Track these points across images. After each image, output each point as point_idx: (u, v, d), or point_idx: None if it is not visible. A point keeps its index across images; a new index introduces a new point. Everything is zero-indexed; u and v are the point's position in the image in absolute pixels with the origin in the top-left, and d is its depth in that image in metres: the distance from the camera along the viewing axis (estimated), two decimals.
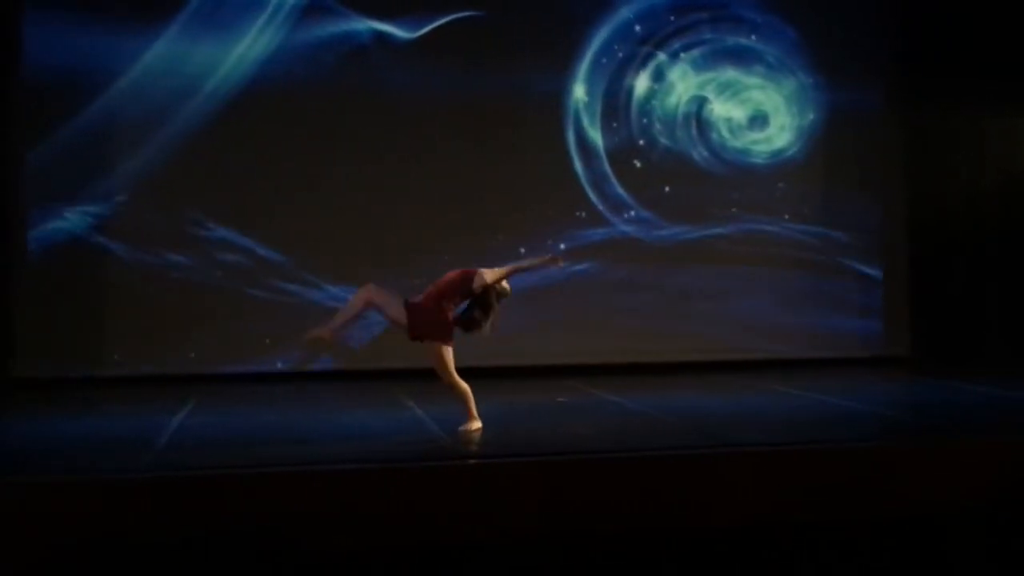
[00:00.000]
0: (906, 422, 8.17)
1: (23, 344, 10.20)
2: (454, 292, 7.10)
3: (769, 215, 11.72)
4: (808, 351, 11.54)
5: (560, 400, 9.03)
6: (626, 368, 10.78)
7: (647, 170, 11.48)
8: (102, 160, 10.42)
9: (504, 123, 11.11)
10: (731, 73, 11.68)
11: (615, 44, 11.42)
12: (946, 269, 11.75)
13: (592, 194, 11.34)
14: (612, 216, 11.38)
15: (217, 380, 10.19)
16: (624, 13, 11.41)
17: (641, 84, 11.49)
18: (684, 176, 11.53)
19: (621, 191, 11.40)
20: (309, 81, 10.72)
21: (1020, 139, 11.76)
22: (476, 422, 7.25)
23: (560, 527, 6.03)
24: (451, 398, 7.35)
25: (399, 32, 10.92)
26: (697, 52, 11.60)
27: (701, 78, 11.62)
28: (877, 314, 11.91)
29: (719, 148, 11.65)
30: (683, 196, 11.50)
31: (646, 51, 11.50)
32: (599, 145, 11.38)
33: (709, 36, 11.62)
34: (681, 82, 11.59)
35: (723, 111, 11.67)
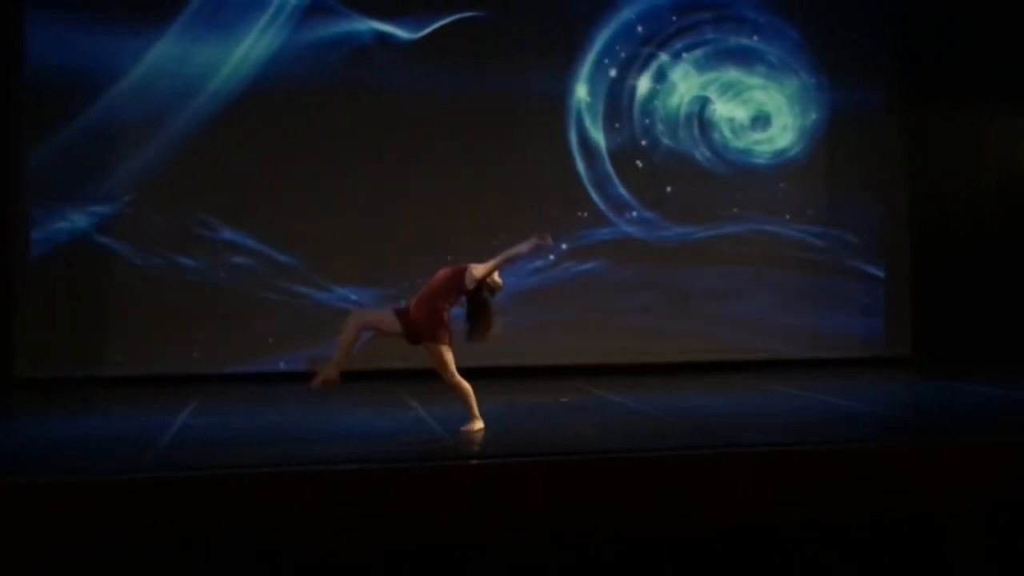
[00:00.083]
0: (907, 422, 8.17)
1: (25, 344, 10.21)
2: (448, 291, 7.10)
3: (771, 215, 11.71)
4: (809, 351, 11.54)
5: (562, 400, 9.03)
6: (628, 368, 10.77)
7: (649, 170, 11.48)
8: (104, 160, 10.43)
9: (506, 123, 11.11)
10: (733, 73, 11.67)
11: (617, 44, 11.42)
12: (947, 269, 11.74)
13: (594, 194, 11.34)
14: (614, 216, 11.38)
15: (219, 380, 10.19)
16: (626, 13, 11.41)
17: (643, 84, 11.49)
18: (686, 176, 11.53)
19: (623, 191, 11.40)
20: (311, 81, 10.73)
21: (1022, 139, 11.74)
22: (478, 422, 7.25)
23: (562, 527, 6.04)
24: (453, 398, 7.35)
25: (401, 32, 10.92)
26: (699, 52, 11.60)
27: (703, 78, 11.62)
28: (878, 314, 11.91)
29: (721, 148, 11.65)
30: (685, 196, 11.50)
31: (648, 51, 11.50)
32: (601, 145, 11.38)
33: (711, 36, 11.62)
34: (683, 82, 11.58)
35: (725, 111, 11.67)
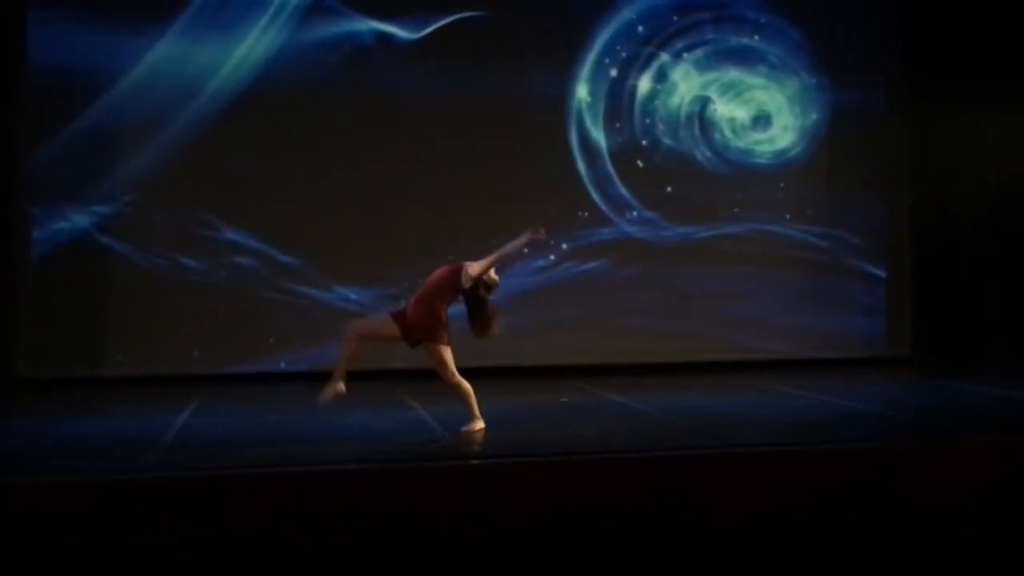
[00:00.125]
0: (907, 422, 8.17)
1: (27, 344, 10.22)
2: (444, 290, 7.11)
3: (772, 215, 11.70)
4: (810, 351, 11.53)
5: (562, 400, 9.03)
6: (629, 368, 10.77)
7: (650, 170, 11.47)
8: (105, 160, 10.42)
9: (507, 123, 11.11)
10: (734, 73, 11.67)
11: (618, 44, 11.41)
12: (948, 269, 11.73)
13: (595, 194, 11.33)
14: (615, 216, 11.37)
15: (220, 380, 10.20)
16: (627, 13, 11.40)
17: (644, 84, 11.49)
18: (687, 176, 11.52)
19: (624, 191, 11.40)
20: (311, 82, 10.72)
21: (1023, 139, 11.73)
22: (479, 422, 7.25)
23: (562, 527, 6.04)
24: (453, 398, 7.36)
25: (402, 32, 10.92)
26: (700, 52, 11.60)
27: (704, 78, 11.62)
28: (879, 314, 11.90)
29: (722, 148, 11.64)
30: (686, 196, 11.50)
31: (649, 51, 11.50)
32: (602, 145, 11.38)
33: (712, 36, 11.61)
34: (684, 82, 11.58)
35: (726, 111, 11.67)
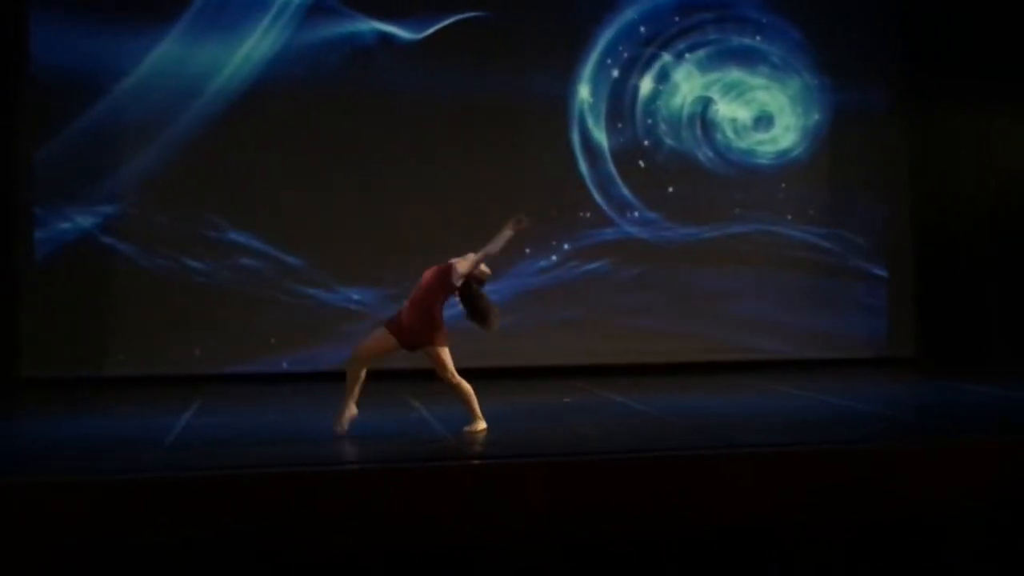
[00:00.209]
0: (909, 423, 8.16)
1: (29, 344, 10.23)
2: (437, 291, 7.11)
3: (774, 215, 11.70)
4: (812, 352, 11.52)
5: (564, 400, 9.03)
6: (631, 368, 10.77)
7: (652, 171, 11.47)
8: (108, 160, 10.44)
9: (509, 124, 11.12)
10: (736, 74, 11.66)
11: (620, 45, 11.41)
12: (951, 270, 11.71)
13: (597, 195, 11.34)
14: (617, 217, 11.37)
15: (222, 380, 10.20)
16: (629, 14, 11.40)
17: (646, 85, 11.49)
18: (689, 177, 11.52)
19: (626, 192, 11.40)
20: (313, 82, 10.73)
21: None
22: (481, 422, 7.25)
23: (564, 527, 6.03)
24: (455, 398, 7.36)
25: (403, 33, 10.92)
26: (702, 52, 11.59)
27: (706, 79, 11.62)
28: (881, 314, 11.90)
29: (724, 149, 11.64)
30: (688, 197, 11.50)
31: (651, 52, 11.50)
32: (604, 146, 11.38)
33: (714, 36, 11.61)
34: (686, 83, 11.58)
35: (728, 112, 11.66)
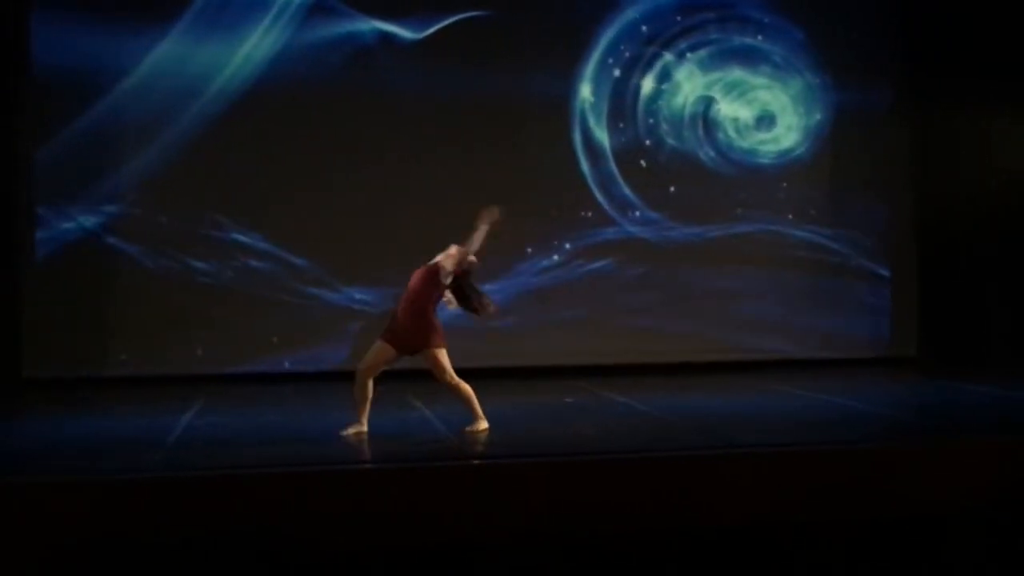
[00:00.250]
0: (911, 423, 8.16)
1: (31, 344, 10.22)
2: (429, 292, 7.13)
3: (775, 215, 11.69)
4: (815, 352, 11.52)
5: (566, 400, 9.03)
6: (632, 368, 10.77)
7: (654, 170, 11.47)
8: (109, 160, 10.43)
9: (510, 123, 11.10)
10: (738, 73, 11.66)
11: (621, 44, 11.41)
12: (953, 270, 11.71)
13: (598, 194, 11.33)
14: (619, 216, 11.36)
15: (224, 380, 10.20)
16: (630, 13, 11.39)
17: (647, 84, 11.48)
18: (691, 176, 11.51)
19: (627, 191, 11.39)
20: (313, 82, 10.72)
21: None
22: (483, 422, 7.25)
23: (565, 527, 6.03)
24: (456, 400, 7.35)
25: (404, 32, 10.91)
26: (704, 52, 11.58)
27: (708, 78, 11.61)
28: (883, 314, 11.88)
29: (726, 148, 11.63)
30: (690, 196, 11.48)
31: (652, 51, 11.49)
32: (605, 145, 11.37)
33: (715, 36, 11.60)
34: (688, 82, 11.57)
35: (730, 111, 11.66)
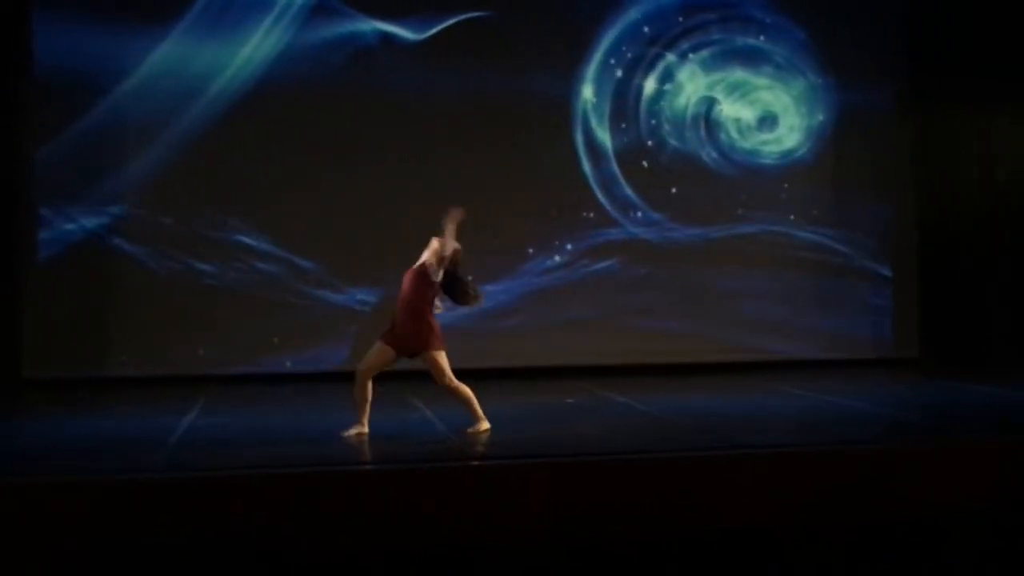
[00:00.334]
0: (913, 423, 8.14)
1: (32, 344, 10.22)
2: (423, 292, 7.11)
3: (778, 216, 11.68)
4: (817, 352, 11.51)
5: (567, 401, 9.02)
6: (634, 369, 10.76)
7: (656, 171, 11.46)
8: (111, 161, 10.44)
9: (512, 124, 11.10)
10: (740, 74, 11.65)
11: (623, 45, 11.40)
12: (955, 271, 11.70)
13: (600, 195, 11.32)
14: (621, 217, 11.35)
15: (225, 381, 10.19)
16: (632, 14, 11.39)
17: (650, 85, 11.47)
18: (693, 177, 11.50)
19: (629, 192, 11.38)
20: (315, 82, 10.72)
21: None
22: (484, 423, 7.24)
23: (567, 528, 6.02)
24: (456, 402, 7.35)
25: (406, 33, 10.91)
26: (706, 53, 11.58)
27: (710, 79, 11.60)
28: (886, 315, 11.87)
29: (728, 149, 11.62)
30: (692, 197, 11.48)
31: (655, 52, 11.48)
32: (607, 146, 11.36)
33: (718, 37, 11.59)
34: (690, 83, 11.56)
35: (732, 112, 11.64)
